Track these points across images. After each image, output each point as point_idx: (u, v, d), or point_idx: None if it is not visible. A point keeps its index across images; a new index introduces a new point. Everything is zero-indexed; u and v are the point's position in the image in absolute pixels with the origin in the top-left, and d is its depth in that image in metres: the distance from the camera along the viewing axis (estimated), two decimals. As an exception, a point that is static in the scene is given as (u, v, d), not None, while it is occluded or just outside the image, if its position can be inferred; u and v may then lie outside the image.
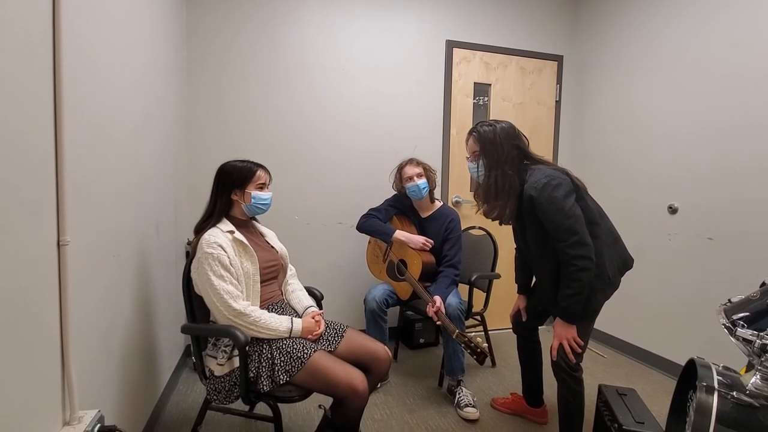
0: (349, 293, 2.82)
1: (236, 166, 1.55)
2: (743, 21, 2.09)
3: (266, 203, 1.58)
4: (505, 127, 1.60)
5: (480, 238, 2.56)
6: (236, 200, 1.54)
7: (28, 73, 0.86)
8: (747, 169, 2.08)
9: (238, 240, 1.47)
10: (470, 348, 1.71)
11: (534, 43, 3.07)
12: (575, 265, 1.45)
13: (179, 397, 2.07)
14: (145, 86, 1.68)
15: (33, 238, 0.88)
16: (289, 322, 1.45)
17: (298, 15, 2.61)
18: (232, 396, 1.41)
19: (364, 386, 1.36)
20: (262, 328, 1.39)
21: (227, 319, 1.37)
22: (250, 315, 1.38)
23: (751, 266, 2.06)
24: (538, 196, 1.47)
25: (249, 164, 1.56)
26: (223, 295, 1.36)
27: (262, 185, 1.57)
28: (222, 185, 1.53)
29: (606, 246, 1.55)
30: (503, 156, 1.55)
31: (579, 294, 1.47)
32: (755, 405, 0.93)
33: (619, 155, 2.80)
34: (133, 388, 1.51)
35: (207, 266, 1.38)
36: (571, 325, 1.52)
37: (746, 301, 1.09)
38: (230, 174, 1.53)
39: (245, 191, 1.54)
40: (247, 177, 1.53)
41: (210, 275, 1.37)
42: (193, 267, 1.44)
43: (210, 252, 1.39)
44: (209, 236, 1.42)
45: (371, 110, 2.78)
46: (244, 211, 1.57)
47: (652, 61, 2.56)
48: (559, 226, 1.46)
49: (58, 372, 0.98)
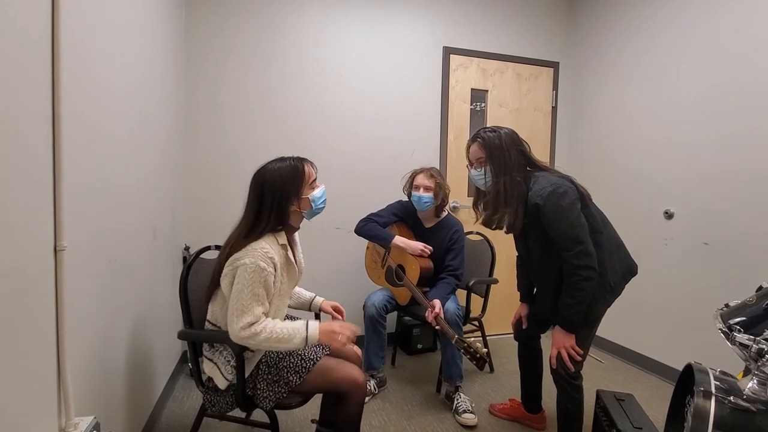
0: (347, 299, 2.79)
1: (282, 170, 1.33)
2: (739, 27, 2.12)
3: (324, 200, 1.43)
4: (509, 132, 1.58)
5: (478, 243, 2.56)
6: (294, 210, 1.37)
7: (26, 76, 0.86)
8: (742, 174, 2.09)
9: (288, 258, 1.39)
10: (469, 353, 1.71)
11: (530, 50, 3.10)
12: (579, 275, 1.44)
13: (175, 404, 2.05)
14: (143, 90, 1.68)
15: (30, 244, 0.88)
16: (303, 330, 1.29)
17: (296, 20, 2.62)
18: (229, 405, 1.40)
19: (362, 378, 1.41)
20: (274, 342, 1.26)
21: (237, 334, 1.24)
22: (260, 334, 1.24)
23: (746, 271, 2.07)
24: (544, 204, 1.45)
25: (293, 163, 1.35)
26: (245, 315, 1.24)
27: (314, 182, 1.40)
28: (273, 197, 1.32)
29: (609, 254, 1.55)
30: (511, 162, 1.52)
31: (581, 303, 1.46)
32: (752, 410, 0.93)
33: (615, 161, 2.82)
34: (129, 395, 1.50)
35: (250, 277, 1.24)
36: (570, 333, 1.52)
37: (742, 305, 1.09)
38: (281, 183, 1.32)
39: (301, 198, 1.36)
40: (298, 180, 1.34)
41: (248, 289, 1.24)
42: (231, 263, 1.28)
43: (263, 267, 1.25)
44: (268, 247, 1.28)
45: (369, 116, 2.79)
46: (299, 219, 1.42)
47: (647, 66, 2.59)
48: (564, 235, 1.44)
49: (54, 378, 0.97)
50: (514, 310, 1.94)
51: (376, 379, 2.22)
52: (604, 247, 1.53)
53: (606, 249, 1.54)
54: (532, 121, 3.13)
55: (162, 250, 1.99)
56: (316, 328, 1.31)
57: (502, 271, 2.80)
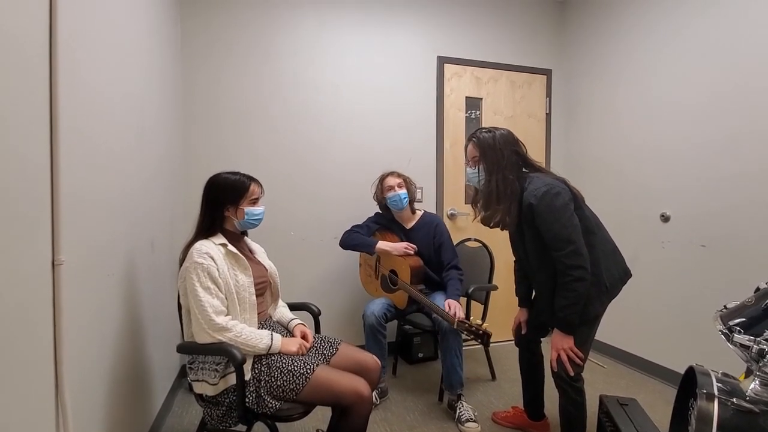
0: (346, 308, 2.80)
1: (228, 180, 1.50)
2: (726, 31, 2.16)
3: (259, 218, 1.56)
4: (504, 133, 1.63)
5: (476, 250, 2.56)
6: (229, 216, 1.51)
7: (24, 90, 0.87)
8: (736, 176, 2.11)
9: (231, 252, 1.46)
10: (472, 332, 1.72)
11: (523, 58, 3.14)
12: (571, 275, 1.46)
13: (174, 420, 2.03)
14: (140, 102, 1.69)
15: (28, 258, 0.87)
16: (269, 338, 1.41)
17: (292, 31, 2.65)
18: (229, 419, 1.39)
19: (368, 391, 1.39)
20: (241, 344, 1.35)
21: (206, 333, 1.33)
22: (231, 330, 1.34)
23: (744, 272, 2.08)
24: (538, 204, 1.48)
25: (241, 178, 1.52)
26: (206, 308, 1.33)
27: (255, 200, 1.54)
28: (214, 200, 1.49)
29: (603, 255, 1.56)
30: (503, 160, 1.57)
31: (575, 304, 1.47)
32: (756, 411, 0.92)
33: (609, 166, 2.84)
34: (127, 410, 1.48)
35: (195, 276, 1.35)
36: (568, 335, 1.52)
37: (741, 306, 1.10)
38: (223, 189, 1.49)
39: (238, 207, 1.50)
40: (240, 193, 1.49)
41: (196, 286, 1.34)
42: (180, 275, 1.40)
43: (200, 262, 1.36)
44: (201, 246, 1.40)
45: (365, 125, 2.80)
46: (236, 226, 1.55)
47: (635, 71, 2.62)
48: (556, 235, 1.47)
49: (52, 394, 0.96)
50: (514, 316, 1.93)
51: (377, 389, 2.20)
52: (597, 248, 1.54)
53: (600, 250, 1.55)
54: (526, 127, 3.16)
55: (160, 262, 1.98)
56: (279, 340, 1.44)
57: (501, 278, 2.80)
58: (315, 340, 1.60)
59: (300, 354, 1.46)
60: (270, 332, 1.44)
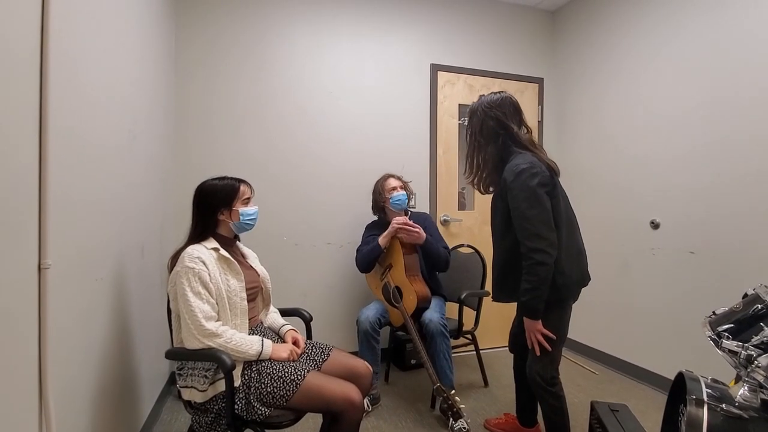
0: (339, 314, 2.78)
1: (218, 185, 1.50)
2: (711, 42, 2.20)
3: (254, 218, 1.55)
4: (494, 98, 1.65)
5: (469, 255, 2.57)
6: (223, 220, 1.50)
7: (14, 90, 0.86)
8: (725, 184, 2.15)
9: (223, 257, 1.45)
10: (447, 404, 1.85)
11: (515, 66, 3.18)
12: (532, 258, 1.45)
13: (162, 427, 1.99)
14: (132, 106, 1.68)
15: (13, 262, 0.86)
16: (259, 344, 1.40)
17: (286, 38, 2.66)
18: (218, 426, 1.36)
19: (359, 397, 1.38)
20: (231, 350, 1.33)
21: (196, 339, 1.31)
22: (221, 336, 1.33)
23: (732, 278, 2.10)
24: (513, 180, 1.49)
25: (230, 181, 1.52)
26: (196, 313, 1.31)
27: (248, 200, 1.54)
28: (205, 206, 1.49)
29: (566, 255, 1.53)
30: (478, 126, 1.64)
31: (536, 289, 1.46)
32: (745, 417, 0.93)
33: (600, 173, 2.87)
34: (114, 417, 1.45)
35: (185, 280, 1.33)
36: (533, 320, 1.53)
37: (730, 312, 1.11)
38: (213, 194, 1.49)
39: (232, 209, 1.50)
40: (231, 195, 1.49)
41: (187, 290, 1.32)
42: (171, 279, 1.39)
43: (191, 266, 1.35)
44: (192, 250, 1.39)
45: (359, 131, 2.81)
46: (231, 230, 1.54)
47: (626, 80, 2.66)
48: (522, 215, 1.47)
49: (36, 401, 0.94)
50: (507, 323, 1.93)
51: (369, 396, 2.18)
52: (560, 246, 1.51)
53: (563, 248, 1.52)
54: (519, 135, 3.18)
55: (150, 267, 1.95)
56: (269, 346, 1.43)
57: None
58: (306, 346, 1.59)
59: (291, 360, 1.45)
60: (261, 338, 1.43)
